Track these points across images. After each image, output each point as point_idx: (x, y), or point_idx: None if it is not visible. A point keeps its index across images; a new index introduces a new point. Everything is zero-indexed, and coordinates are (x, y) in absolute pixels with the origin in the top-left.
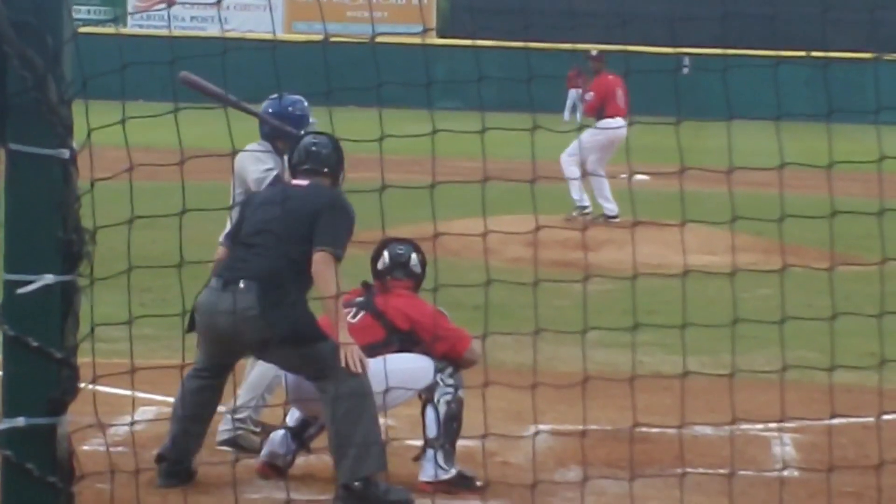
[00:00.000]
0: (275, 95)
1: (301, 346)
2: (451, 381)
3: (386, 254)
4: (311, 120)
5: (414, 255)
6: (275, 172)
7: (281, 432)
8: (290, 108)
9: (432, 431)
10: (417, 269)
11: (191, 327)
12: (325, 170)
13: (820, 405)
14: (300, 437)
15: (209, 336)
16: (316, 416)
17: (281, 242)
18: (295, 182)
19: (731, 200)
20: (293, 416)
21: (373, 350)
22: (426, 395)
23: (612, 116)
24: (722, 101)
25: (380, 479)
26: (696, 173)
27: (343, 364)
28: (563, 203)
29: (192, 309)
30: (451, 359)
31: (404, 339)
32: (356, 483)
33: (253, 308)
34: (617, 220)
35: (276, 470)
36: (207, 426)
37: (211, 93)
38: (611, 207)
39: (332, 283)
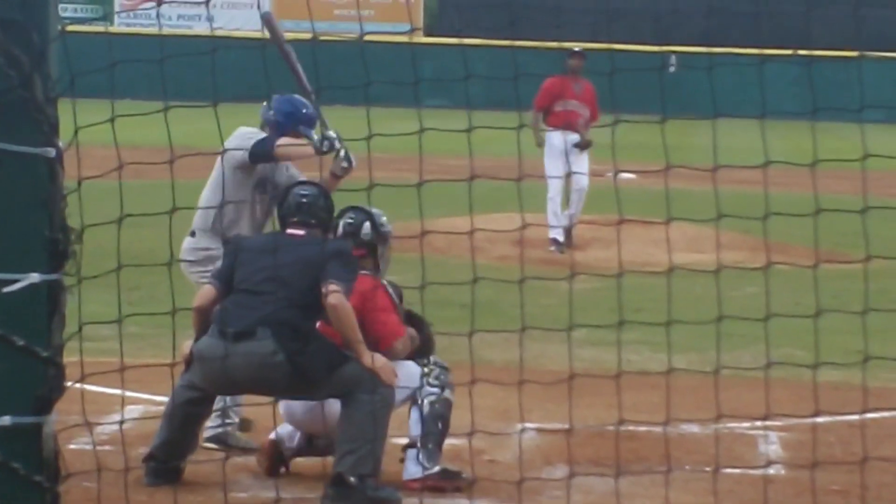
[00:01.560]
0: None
1: (333, 377)
2: (436, 382)
3: (340, 222)
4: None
5: (366, 224)
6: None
7: (291, 427)
8: (303, 110)
9: (415, 431)
10: (369, 237)
11: (188, 368)
12: (314, 221)
13: (808, 403)
14: (310, 441)
15: (220, 384)
16: (311, 433)
17: (291, 289)
18: (290, 231)
19: (716, 198)
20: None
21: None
22: (412, 395)
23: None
24: (709, 98)
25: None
26: (682, 171)
27: (381, 379)
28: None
29: (188, 357)
30: (379, 346)
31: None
32: (352, 478)
33: (278, 353)
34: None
35: (276, 452)
36: (199, 432)
37: (282, 48)
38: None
39: (349, 315)
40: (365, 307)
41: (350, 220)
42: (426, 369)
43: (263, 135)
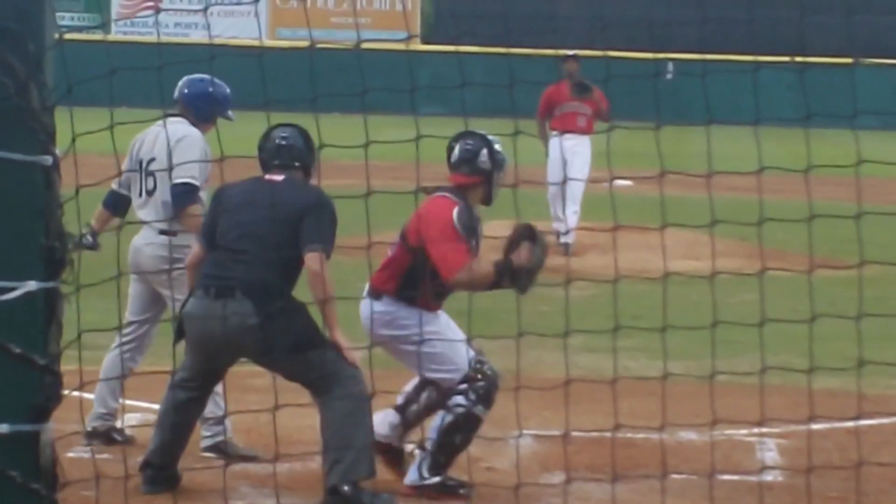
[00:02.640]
0: (185, 80)
1: (303, 355)
2: (473, 396)
3: (456, 147)
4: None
5: (483, 151)
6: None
7: (381, 414)
8: (209, 89)
9: (432, 436)
10: (486, 165)
11: (178, 337)
12: (297, 164)
13: (805, 410)
14: (404, 413)
15: (203, 345)
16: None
17: (268, 247)
18: (269, 177)
19: (710, 203)
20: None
21: (400, 278)
22: (446, 400)
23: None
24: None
25: (365, 485)
26: (679, 179)
27: (344, 358)
28: (547, 208)
29: (178, 319)
30: (438, 277)
31: (416, 259)
32: (345, 487)
33: (252, 317)
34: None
35: (392, 452)
36: (191, 434)
37: None
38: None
39: (328, 282)
40: (423, 233)
41: (468, 146)
42: (475, 372)
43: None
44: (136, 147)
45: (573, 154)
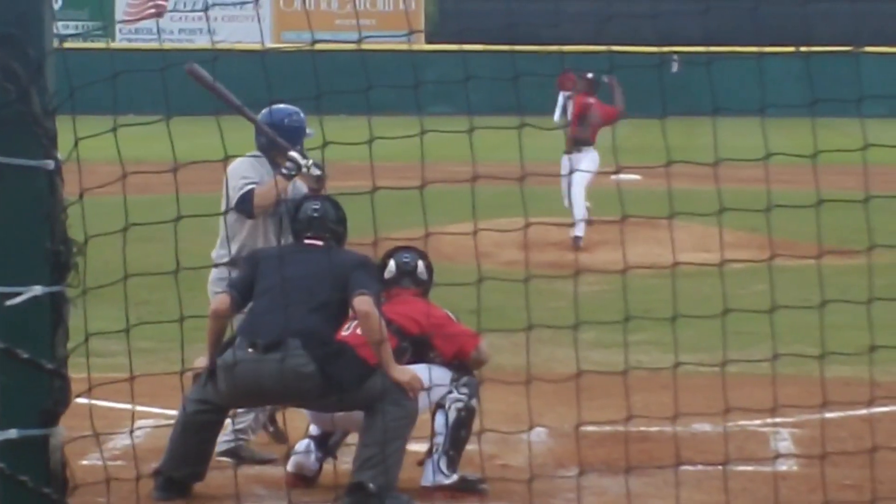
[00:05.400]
0: (270, 107)
1: (362, 388)
2: (464, 389)
3: (392, 263)
4: (308, 131)
5: (420, 263)
6: (253, 184)
7: (305, 442)
8: (285, 121)
9: (440, 436)
10: (424, 277)
11: (209, 380)
12: (327, 235)
13: (819, 399)
14: (324, 444)
15: (251, 394)
16: (338, 429)
17: (315, 298)
18: (308, 242)
19: (717, 192)
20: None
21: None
22: (438, 400)
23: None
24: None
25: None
26: (688, 172)
27: (408, 393)
28: (556, 205)
29: (209, 370)
30: (461, 359)
31: (416, 344)
32: (371, 485)
33: (309, 363)
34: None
35: (304, 480)
36: (212, 448)
37: (214, 90)
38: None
39: (380, 322)
40: (431, 329)
41: (406, 260)
42: (455, 374)
43: (250, 178)
44: None
45: (581, 154)
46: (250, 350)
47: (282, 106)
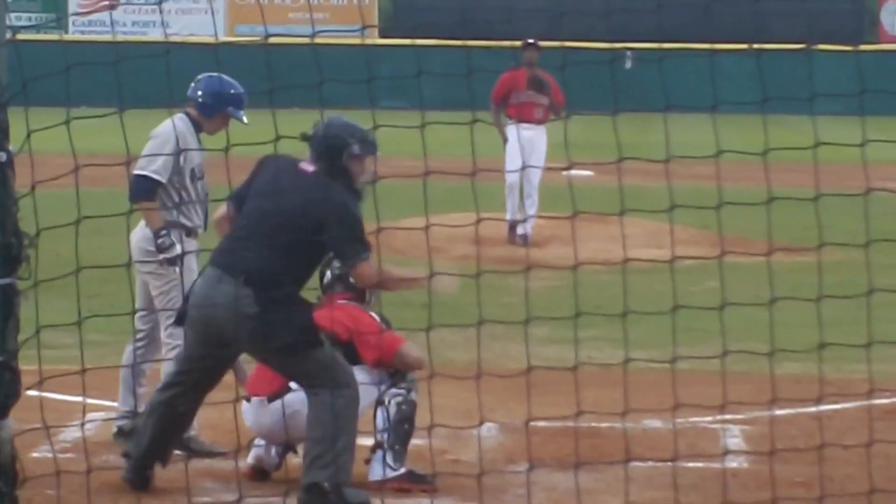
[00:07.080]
0: (216, 74)
1: (298, 355)
2: (402, 384)
3: (328, 270)
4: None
5: None
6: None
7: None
8: (231, 90)
9: (382, 432)
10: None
11: (179, 320)
12: (321, 155)
13: (769, 396)
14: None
15: (202, 329)
16: (281, 444)
17: (278, 240)
18: (302, 166)
19: (669, 189)
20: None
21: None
22: (378, 397)
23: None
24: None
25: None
26: (640, 168)
27: (442, 288)
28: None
29: (184, 298)
30: (384, 365)
31: (347, 351)
32: (326, 483)
33: (251, 305)
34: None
35: (262, 474)
36: (179, 432)
37: None
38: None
39: (384, 273)
40: (355, 336)
41: (337, 269)
42: (386, 378)
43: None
44: None
45: (531, 145)
46: (211, 273)
47: (208, 74)
